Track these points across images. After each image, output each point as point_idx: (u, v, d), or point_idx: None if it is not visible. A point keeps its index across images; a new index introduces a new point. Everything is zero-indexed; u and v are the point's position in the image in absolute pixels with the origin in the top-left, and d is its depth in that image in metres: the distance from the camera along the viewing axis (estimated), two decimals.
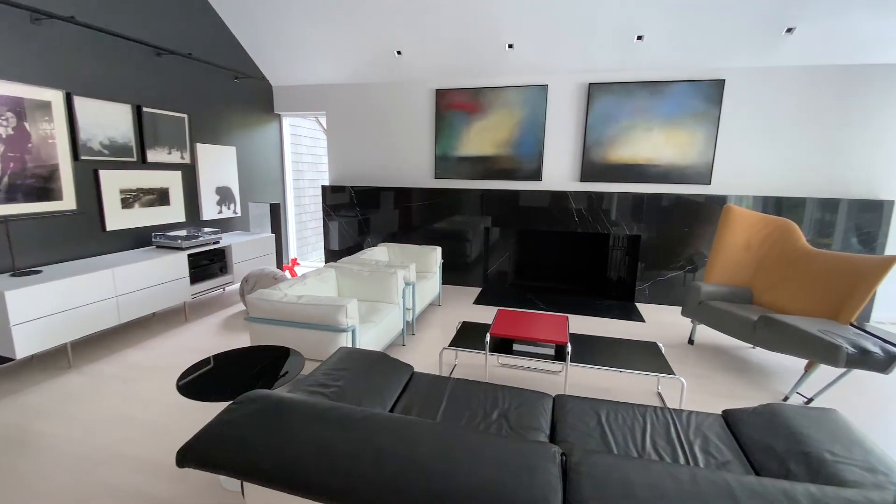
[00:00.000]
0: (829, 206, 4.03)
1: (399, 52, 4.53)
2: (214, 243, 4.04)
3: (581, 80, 4.43)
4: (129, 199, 3.66)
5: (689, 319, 3.54)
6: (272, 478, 1.06)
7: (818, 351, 2.44)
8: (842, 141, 4.01)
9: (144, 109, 3.73)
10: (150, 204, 3.85)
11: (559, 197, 4.58)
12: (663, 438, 1.64)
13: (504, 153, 4.73)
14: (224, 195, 4.70)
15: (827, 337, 2.42)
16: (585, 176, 4.55)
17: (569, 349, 2.42)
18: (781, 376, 2.95)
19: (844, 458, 1.30)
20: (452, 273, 5.02)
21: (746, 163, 4.22)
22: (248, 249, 4.43)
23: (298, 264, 5.86)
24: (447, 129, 4.84)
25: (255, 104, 5.18)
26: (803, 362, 3.02)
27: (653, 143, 4.33)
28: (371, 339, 2.74)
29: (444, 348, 2.66)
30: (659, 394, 2.67)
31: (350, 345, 2.47)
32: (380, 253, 4.10)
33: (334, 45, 4.62)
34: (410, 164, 5.08)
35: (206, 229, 4.09)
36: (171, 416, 2.34)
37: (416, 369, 2.12)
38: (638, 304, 4.49)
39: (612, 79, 4.34)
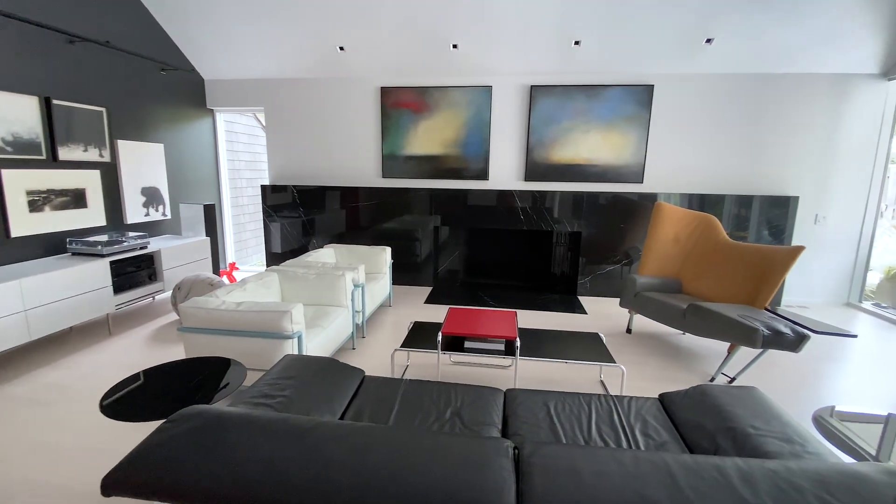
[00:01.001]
0: (745, 202, 4.45)
1: (342, 48, 4.41)
2: (141, 248, 3.72)
3: (523, 82, 4.56)
4: (38, 201, 3.28)
5: (627, 310, 3.76)
6: (212, 500, 0.99)
7: (738, 334, 2.68)
8: (755, 143, 4.44)
9: (55, 102, 3.35)
10: (64, 207, 3.47)
11: (505, 196, 4.69)
12: (607, 424, 1.72)
13: (451, 153, 4.76)
14: (151, 196, 4.34)
15: (745, 321, 2.67)
16: (530, 175, 4.69)
17: (518, 344, 2.48)
18: (708, 359, 3.21)
19: (765, 431, 1.44)
20: (403, 273, 4.98)
21: (674, 163, 4.55)
22: (180, 254, 4.12)
23: (237, 269, 5.56)
24: (394, 127, 4.79)
25: (185, 98, 4.83)
26: (727, 345, 3.30)
27: (591, 144, 4.55)
28: (319, 344, 2.65)
29: (395, 350, 2.63)
30: (602, 382, 2.81)
31: (296, 352, 2.37)
32: (326, 255, 3.98)
33: (272, 39, 4.41)
34: (357, 163, 4.97)
35: (132, 233, 3.76)
36: (98, 440, 2.12)
37: (367, 373, 2.08)
38: (580, 297, 4.70)
39: (552, 81, 4.51)
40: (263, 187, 5.07)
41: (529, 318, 3.99)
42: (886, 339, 3.70)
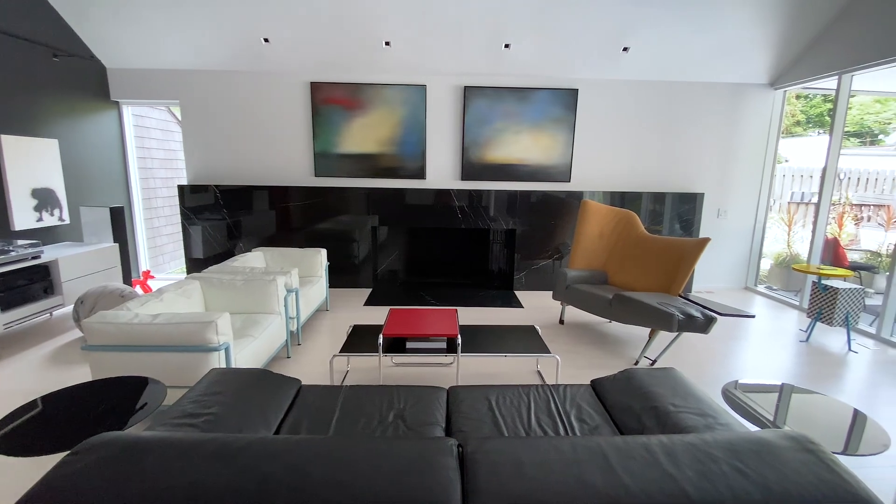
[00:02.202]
0: (659, 198, 4.86)
1: (266, 40, 4.18)
2: (33, 258, 3.26)
3: (457, 82, 4.61)
4: None
5: (559, 302, 3.95)
6: None
7: (658, 320, 2.92)
8: (667, 144, 4.86)
9: None
10: None
11: (443, 195, 4.72)
12: (545, 413, 1.79)
13: (388, 151, 4.70)
14: (44, 199, 3.82)
15: (663, 308, 2.91)
16: (466, 175, 4.76)
17: (459, 341, 2.51)
18: (633, 344, 3.47)
19: (683, 407, 1.58)
20: (340, 275, 4.83)
21: (597, 163, 4.86)
22: (82, 263, 3.67)
23: (152, 277, 5.08)
24: (326, 124, 4.63)
25: (84, 89, 4.31)
26: (648, 330, 3.58)
27: (522, 144, 4.72)
28: (249, 355, 2.49)
29: (334, 355, 2.54)
30: (539, 372, 2.93)
31: (223, 365, 2.21)
32: (255, 259, 3.75)
33: (187, 25, 4.06)
34: (286, 161, 4.74)
35: (21, 242, 3.28)
36: None
37: (304, 382, 1.99)
38: (517, 292, 4.86)
39: (484, 83, 4.61)
40: (181, 187, 4.66)
41: (470, 315, 4.05)
42: (777, 317, 4.23)
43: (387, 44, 4.21)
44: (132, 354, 2.11)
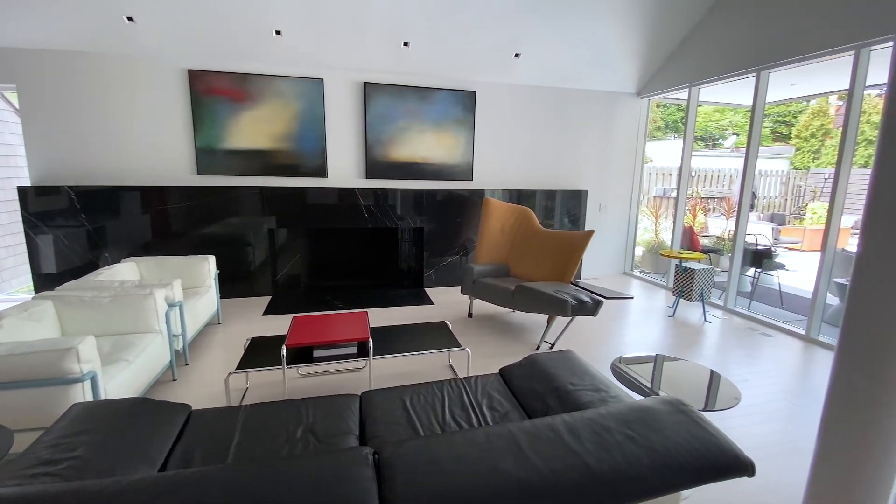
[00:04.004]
0: (551, 195, 5.27)
1: (130, 19, 3.63)
2: None
3: (357, 78, 4.48)
4: None
5: (467, 296, 4.08)
6: None
7: (554, 307, 3.16)
8: (555, 145, 5.28)
9: None
10: None
11: (347, 193, 4.56)
12: (459, 407, 1.83)
13: (284, 147, 4.39)
14: None
15: (558, 295, 3.16)
16: (371, 173, 4.66)
17: (371, 344, 2.45)
18: (534, 330, 3.72)
19: (580, 385, 1.72)
20: (234, 284, 4.41)
21: (496, 162, 5.10)
22: None
23: None
24: (209, 117, 4.18)
25: None
26: (546, 317, 3.87)
27: (426, 143, 4.76)
28: (123, 383, 2.15)
29: (230, 373, 2.31)
30: (451, 366, 2.99)
31: (89, 398, 1.87)
32: (126, 270, 3.25)
33: None
34: (161, 158, 4.18)
35: None
36: None
37: (195, 406, 1.77)
38: (427, 289, 4.91)
39: (385, 80, 4.55)
40: (23, 189, 3.85)
41: (381, 316, 3.98)
42: (650, 297, 4.85)
43: (277, 32, 3.93)
44: None
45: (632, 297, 4.47)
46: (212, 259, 3.63)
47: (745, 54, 4.02)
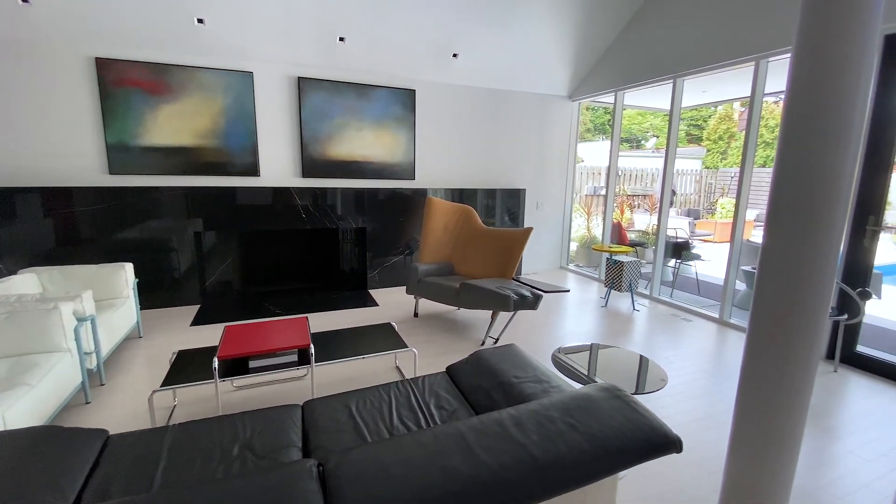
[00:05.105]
0: (491, 194, 5.38)
1: (25, 0, 3.19)
2: None
3: (290, 72, 4.29)
4: None
5: (413, 296, 4.06)
6: None
7: (497, 302, 3.24)
8: (494, 145, 5.40)
9: None
10: None
11: (282, 193, 4.35)
12: (406, 408, 1.81)
13: (210, 144, 4.10)
14: None
15: (501, 291, 3.24)
16: (307, 171, 4.48)
17: (312, 351, 2.35)
18: (479, 327, 3.78)
19: (524, 378, 1.77)
20: (156, 293, 4.05)
21: (438, 161, 5.12)
22: None
23: None
24: (121, 111, 3.79)
25: None
26: (490, 313, 3.95)
27: (366, 141, 4.66)
28: (26, 410, 1.89)
29: (154, 391, 2.11)
30: (398, 368, 2.96)
31: None
32: (25, 283, 2.86)
33: None
34: (65, 156, 3.73)
35: None
36: None
37: (113, 430, 1.60)
38: (371, 291, 4.82)
39: (320, 75, 4.39)
40: None
41: (323, 321, 3.85)
42: (585, 289, 5.13)
43: (199, 21, 3.65)
44: None
45: (568, 290, 4.70)
46: (129, 267, 3.30)
47: (663, 62, 4.37)
